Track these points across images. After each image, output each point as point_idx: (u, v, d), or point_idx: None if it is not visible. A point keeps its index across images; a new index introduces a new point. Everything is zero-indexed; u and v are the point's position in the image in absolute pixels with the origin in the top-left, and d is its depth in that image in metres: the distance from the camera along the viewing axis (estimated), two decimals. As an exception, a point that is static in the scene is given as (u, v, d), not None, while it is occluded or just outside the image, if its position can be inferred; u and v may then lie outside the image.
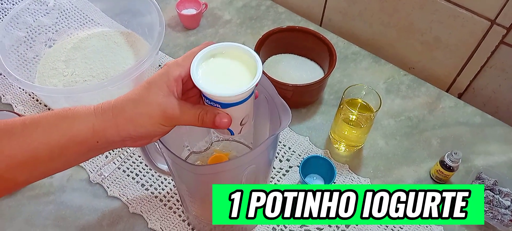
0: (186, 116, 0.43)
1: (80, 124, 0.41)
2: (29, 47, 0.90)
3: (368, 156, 0.81)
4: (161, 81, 0.42)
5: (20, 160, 0.40)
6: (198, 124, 0.44)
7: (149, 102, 0.42)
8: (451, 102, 0.91)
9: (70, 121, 0.42)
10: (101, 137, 0.42)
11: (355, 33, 1.05)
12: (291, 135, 0.83)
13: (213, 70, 0.44)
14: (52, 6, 0.95)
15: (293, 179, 0.77)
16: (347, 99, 0.76)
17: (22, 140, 0.40)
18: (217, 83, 0.43)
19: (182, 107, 0.43)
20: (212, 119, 0.44)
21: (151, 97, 0.42)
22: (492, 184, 0.74)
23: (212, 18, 1.07)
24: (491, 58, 0.86)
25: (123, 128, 0.42)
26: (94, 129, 0.41)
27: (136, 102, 0.42)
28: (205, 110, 0.44)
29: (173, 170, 0.56)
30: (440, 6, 0.86)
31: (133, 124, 0.42)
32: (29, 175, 0.43)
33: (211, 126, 0.44)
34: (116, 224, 0.70)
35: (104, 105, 0.43)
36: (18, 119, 0.41)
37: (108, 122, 0.42)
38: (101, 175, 0.75)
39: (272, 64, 0.90)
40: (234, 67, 0.45)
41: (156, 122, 0.42)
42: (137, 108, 0.42)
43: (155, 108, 0.42)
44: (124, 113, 0.42)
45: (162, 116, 0.42)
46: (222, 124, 0.44)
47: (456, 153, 0.73)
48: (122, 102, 0.42)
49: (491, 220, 0.70)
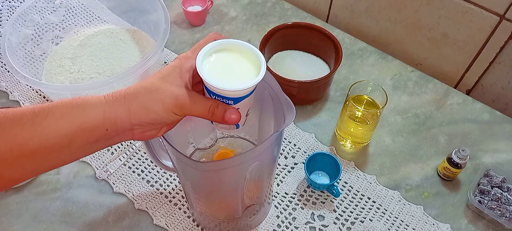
0: (197, 106, 0.44)
1: (91, 111, 0.42)
2: (36, 44, 0.90)
3: (374, 153, 0.81)
4: (174, 72, 0.43)
5: (30, 148, 0.40)
6: (208, 117, 0.45)
7: (163, 90, 0.42)
8: (459, 99, 0.90)
9: (81, 108, 0.42)
10: (112, 124, 0.42)
11: (361, 29, 1.05)
12: (296, 131, 0.83)
13: (218, 65, 0.45)
14: (59, 3, 0.95)
15: (298, 176, 0.77)
16: (353, 96, 0.75)
17: (32, 129, 0.40)
18: (222, 78, 0.44)
19: (194, 98, 0.44)
20: (222, 114, 0.45)
21: (165, 85, 0.43)
22: (500, 181, 0.73)
23: (217, 15, 1.07)
24: (500, 54, 0.85)
25: (135, 114, 0.42)
26: (104, 115, 0.42)
27: (149, 90, 0.43)
28: (216, 104, 0.44)
29: (178, 167, 0.56)
30: (448, 2, 0.85)
31: (145, 110, 0.42)
32: (36, 165, 0.43)
33: (220, 121, 0.45)
34: (121, 220, 0.71)
35: (115, 93, 0.43)
36: (27, 107, 0.41)
37: (120, 108, 0.42)
38: (107, 172, 0.76)
39: (278, 60, 0.90)
40: (238, 63, 0.45)
41: (169, 108, 0.43)
42: (151, 95, 0.42)
43: (169, 95, 0.42)
44: (137, 99, 0.42)
45: (175, 103, 0.43)
46: (231, 119, 0.45)
47: (463, 150, 0.72)
48: (135, 89, 0.43)
49: (500, 218, 0.69)
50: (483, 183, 0.74)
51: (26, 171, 0.43)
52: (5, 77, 0.90)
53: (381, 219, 0.72)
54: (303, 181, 0.76)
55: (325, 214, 0.72)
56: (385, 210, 0.73)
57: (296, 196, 0.74)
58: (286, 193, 0.75)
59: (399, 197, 0.74)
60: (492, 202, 0.71)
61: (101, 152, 0.79)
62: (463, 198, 0.75)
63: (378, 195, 0.75)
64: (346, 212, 0.73)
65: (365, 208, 0.73)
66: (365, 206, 0.73)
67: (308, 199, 0.74)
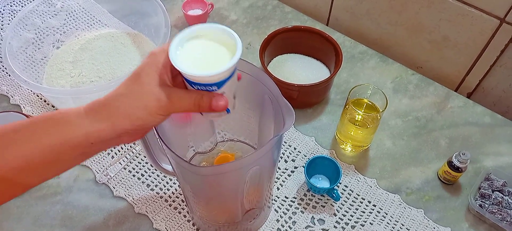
0: (182, 103, 0.43)
1: (73, 129, 0.41)
2: (37, 48, 0.91)
3: (375, 156, 0.81)
4: (150, 70, 0.41)
5: (15, 166, 0.40)
6: (195, 109, 0.43)
7: (144, 94, 0.41)
8: (460, 102, 0.89)
9: (62, 127, 0.41)
10: (96, 138, 0.41)
11: (362, 32, 1.05)
12: (296, 135, 0.83)
13: (193, 53, 0.43)
14: (60, 7, 0.96)
15: (298, 179, 0.77)
16: (353, 100, 0.75)
17: (16, 148, 0.40)
18: (200, 65, 0.42)
19: (177, 95, 0.42)
20: (208, 103, 0.43)
21: (144, 88, 0.41)
22: (501, 185, 0.73)
23: (218, 18, 1.07)
24: (500, 57, 0.85)
25: (119, 125, 0.41)
26: (87, 132, 0.41)
27: (129, 97, 0.41)
28: (201, 94, 0.43)
29: (177, 171, 0.56)
30: (449, 5, 0.85)
31: (129, 119, 0.41)
32: (26, 179, 0.43)
33: (208, 110, 0.44)
34: (121, 224, 0.71)
35: (95, 105, 0.42)
36: (9, 125, 0.41)
37: (102, 122, 0.41)
38: (107, 176, 0.76)
39: (278, 64, 0.90)
40: (213, 47, 0.44)
41: (153, 112, 0.41)
42: (133, 103, 0.41)
43: (151, 99, 0.41)
44: (118, 110, 0.41)
45: (158, 105, 0.41)
46: (219, 106, 0.43)
47: (464, 154, 0.71)
48: (114, 99, 0.41)
49: (501, 222, 0.69)
50: (484, 186, 0.73)
51: (19, 186, 0.43)
52: (6, 81, 0.90)
53: (382, 222, 0.72)
54: (303, 185, 0.76)
55: (325, 218, 0.72)
56: (386, 213, 0.73)
57: (296, 199, 0.74)
58: (286, 197, 0.74)
59: (399, 201, 0.74)
60: (493, 206, 0.71)
61: (101, 155, 0.79)
62: (464, 201, 0.75)
63: (379, 199, 0.74)
64: (347, 216, 0.72)
65: (365, 212, 0.73)
66: (365, 210, 0.73)
67: (308, 202, 0.74)
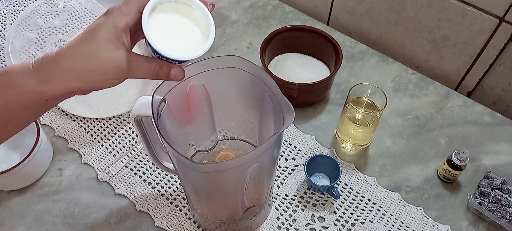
0: (141, 70, 0.43)
1: (22, 90, 0.40)
2: (39, 48, 0.91)
3: (374, 155, 0.81)
4: (108, 33, 0.40)
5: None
6: (152, 77, 0.44)
7: (101, 59, 0.40)
8: (460, 101, 0.90)
9: (9, 89, 0.40)
10: (50, 96, 0.41)
11: (362, 32, 1.05)
12: (297, 133, 0.83)
13: (165, 25, 0.43)
14: (62, 7, 0.96)
15: (298, 178, 0.77)
16: (353, 98, 0.76)
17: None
18: (171, 41, 0.43)
19: (136, 62, 0.42)
20: (167, 73, 0.44)
21: (102, 52, 0.40)
22: (500, 183, 0.73)
23: (219, 18, 1.07)
24: (500, 56, 0.85)
25: (73, 84, 0.40)
26: (38, 90, 0.40)
27: (86, 60, 0.40)
28: (160, 64, 0.43)
29: (178, 169, 0.57)
30: (448, 4, 0.85)
31: (83, 81, 0.40)
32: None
33: (165, 79, 0.45)
34: (123, 222, 0.71)
35: (45, 63, 0.40)
36: None
37: (54, 81, 0.40)
38: (109, 174, 0.76)
39: (279, 63, 0.91)
40: (186, 22, 0.44)
41: (110, 77, 0.41)
42: (88, 65, 0.40)
43: (109, 65, 0.40)
44: (73, 71, 0.40)
45: (116, 71, 0.41)
46: (177, 77, 0.45)
47: (463, 152, 0.72)
48: (68, 58, 0.40)
49: (500, 220, 0.69)
50: (484, 185, 0.74)
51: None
52: (8, 81, 0.91)
53: (381, 220, 0.72)
54: (304, 183, 0.76)
55: (325, 215, 0.73)
56: (385, 211, 0.73)
57: (296, 197, 0.75)
58: (287, 195, 0.75)
59: (399, 199, 0.74)
60: (492, 204, 0.71)
61: (103, 154, 0.79)
62: (463, 200, 0.75)
63: (379, 197, 0.75)
64: (347, 214, 0.73)
65: (365, 210, 0.73)
66: (365, 208, 0.73)
67: (308, 200, 0.74)
